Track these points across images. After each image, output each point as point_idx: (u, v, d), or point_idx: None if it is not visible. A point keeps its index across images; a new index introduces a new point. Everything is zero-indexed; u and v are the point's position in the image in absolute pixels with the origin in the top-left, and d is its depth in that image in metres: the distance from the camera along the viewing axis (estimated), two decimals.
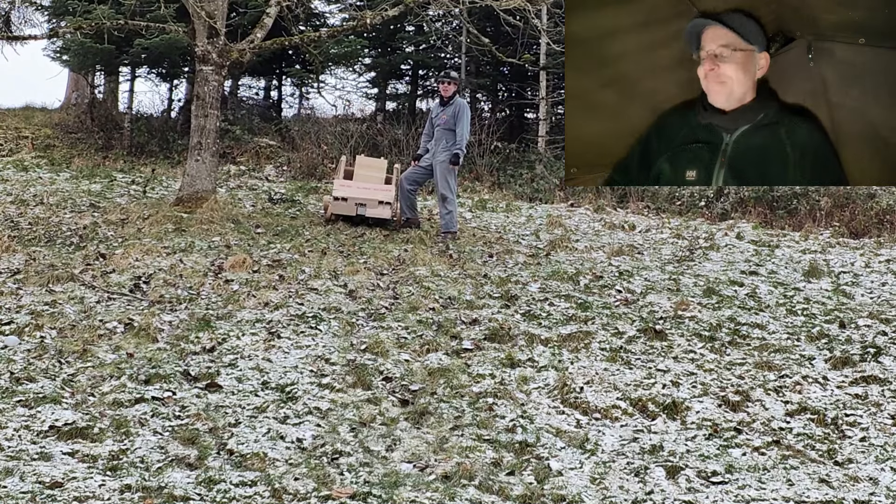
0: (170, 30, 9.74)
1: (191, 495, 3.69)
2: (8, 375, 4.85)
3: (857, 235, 10.46)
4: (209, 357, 5.34)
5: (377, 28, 14.04)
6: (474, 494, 3.87)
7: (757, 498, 3.98)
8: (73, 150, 13.61)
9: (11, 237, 7.73)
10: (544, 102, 14.93)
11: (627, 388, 5.13)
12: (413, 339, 5.81)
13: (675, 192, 12.42)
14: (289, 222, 9.08)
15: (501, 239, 8.94)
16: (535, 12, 10.34)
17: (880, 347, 5.80)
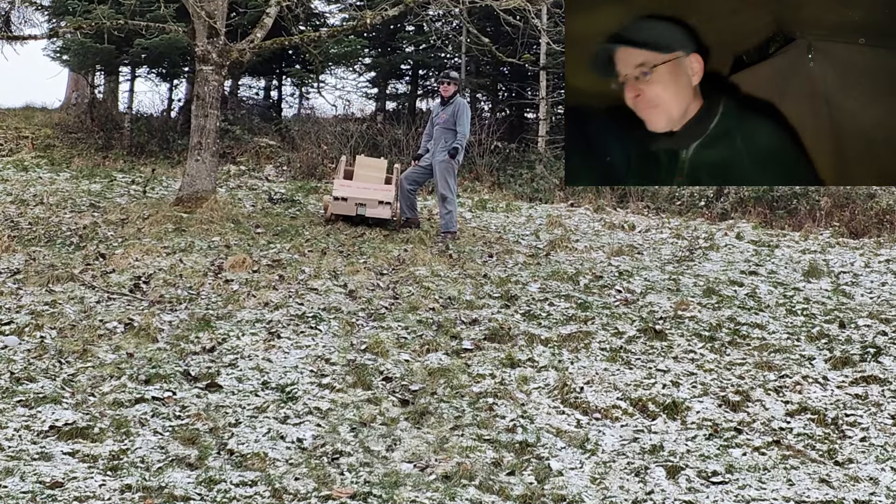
0: (170, 30, 9.74)
1: (191, 495, 3.69)
2: (8, 375, 4.85)
3: (856, 235, 10.46)
4: (209, 357, 5.34)
5: (377, 28, 14.05)
6: (474, 494, 3.87)
7: (757, 498, 3.98)
8: (73, 150, 13.61)
9: (11, 237, 7.73)
10: (544, 102, 14.93)
11: (627, 388, 5.13)
12: (413, 339, 5.81)
13: (675, 192, 12.42)
14: (289, 222, 9.08)
15: (501, 239, 8.94)
16: (535, 12, 10.34)
17: (880, 347, 5.80)
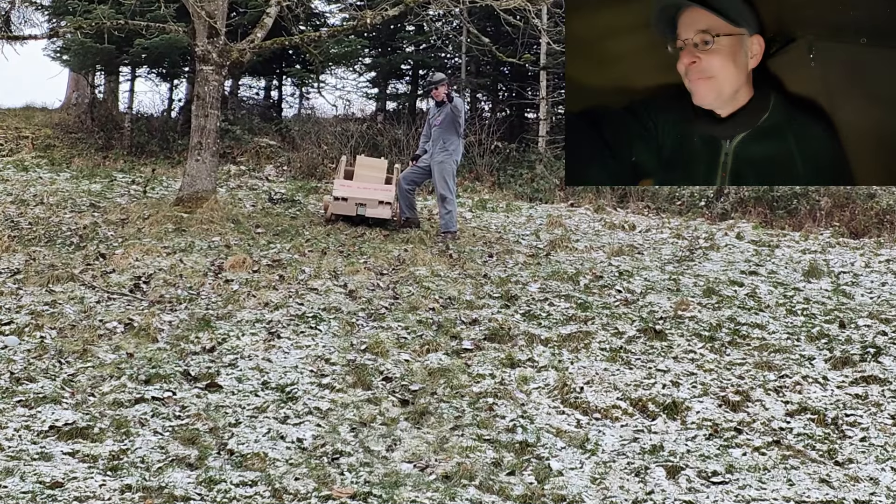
0: (170, 30, 9.73)
1: (191, 495, 3.69)
2: (8, 375, 4.85)
3: (857, 235, 10.46)
4: (209, 357, 5.33)
5: (377, 28, 14.04)
6: (474, 494, 3.87)
7: (757, 498, 3.98)
8: (73, 150, 13.60)
9: (11, 237, 7.73)
10: (544, 102, 14.93)
11: (627, 388, 5.13)
12: (413, 339, 5.81)
13: (675, 192, 12.42)
14: (289, 222, 9.08)
15: (501, 239, 8.94)
16: (535, 12, 10.33)
17: (880, 347, 5.80)
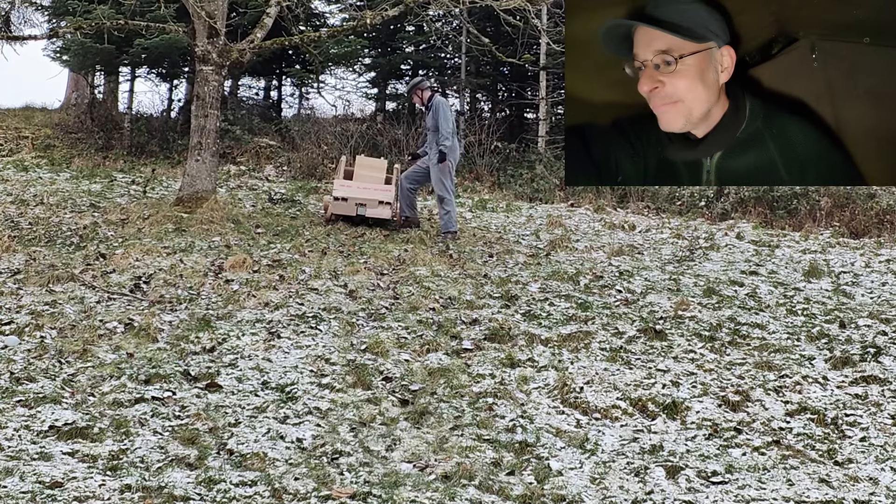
0: (170, 30, 9.73)
1: (191, 495, 3.69)
2: (8, 375, 4.85)
3: (857, 235, 10.46)
4: (209, 357, 5.33)
5: (377, 28, 14.03)
6: (474, 494, 3.87)
7: (757, 498, 3.98)
8: (73, 150, 13.60)
9: (11, 237, 7.73)
10: (544, 102, 14.93)
11: (627, 388, 5.13)
12: (413, 339, 5.81)
13: (675, 192, 12.42)
14: (289, 222, 9.08)
15: (501, 239, 8.94)
16: (535, 12, 10.33)
17: (880, 347, 5.80)
